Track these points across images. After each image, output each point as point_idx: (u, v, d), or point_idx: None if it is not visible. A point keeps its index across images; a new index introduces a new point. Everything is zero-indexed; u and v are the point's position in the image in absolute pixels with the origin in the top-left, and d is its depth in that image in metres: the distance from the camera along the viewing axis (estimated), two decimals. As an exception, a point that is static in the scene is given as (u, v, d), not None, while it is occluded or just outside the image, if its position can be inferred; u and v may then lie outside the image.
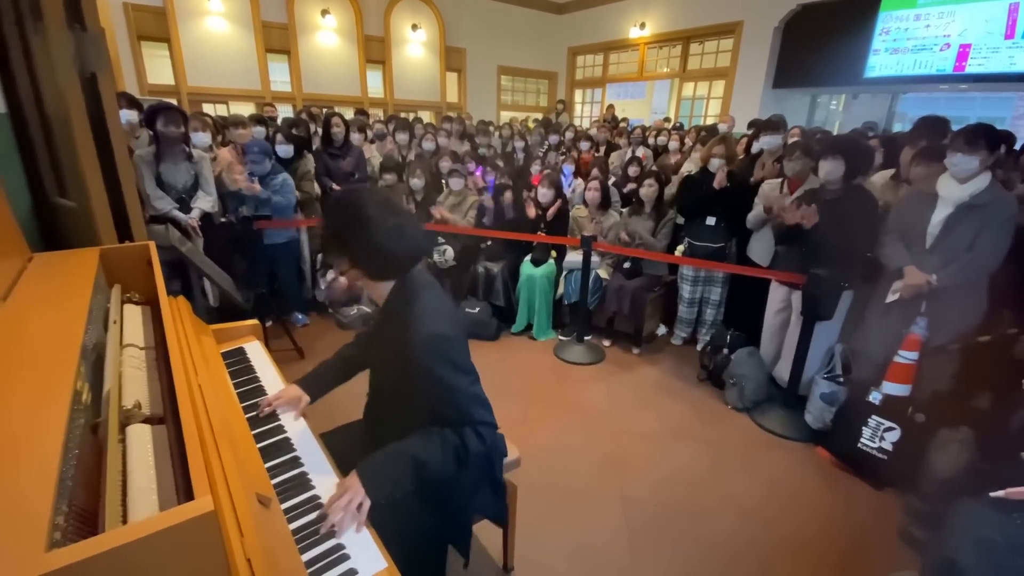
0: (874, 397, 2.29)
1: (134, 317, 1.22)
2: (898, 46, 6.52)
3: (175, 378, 0.86)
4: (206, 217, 3.13)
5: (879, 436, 2.25)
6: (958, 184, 2.13)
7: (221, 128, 4.00)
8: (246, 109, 6.87)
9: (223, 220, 3.34)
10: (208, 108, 6.82)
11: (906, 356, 2.22)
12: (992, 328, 2.20)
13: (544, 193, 3.62)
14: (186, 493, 0.68)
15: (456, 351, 1.19)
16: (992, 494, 1.43)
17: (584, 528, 1.99)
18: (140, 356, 1.03)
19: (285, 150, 3.56)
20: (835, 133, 6.14)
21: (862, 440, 2.29)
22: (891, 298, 2.30)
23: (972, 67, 6.01)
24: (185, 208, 3.00)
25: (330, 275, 3.72)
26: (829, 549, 1.93)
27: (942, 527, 1.49)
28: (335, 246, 1.18)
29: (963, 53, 6.05)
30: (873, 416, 2.27)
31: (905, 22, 6.42)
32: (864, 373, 2.46)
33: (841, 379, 2.52)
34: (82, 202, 1.61)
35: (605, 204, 3.55)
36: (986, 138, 2.05)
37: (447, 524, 1.32)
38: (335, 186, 3.91)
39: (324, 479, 1.17)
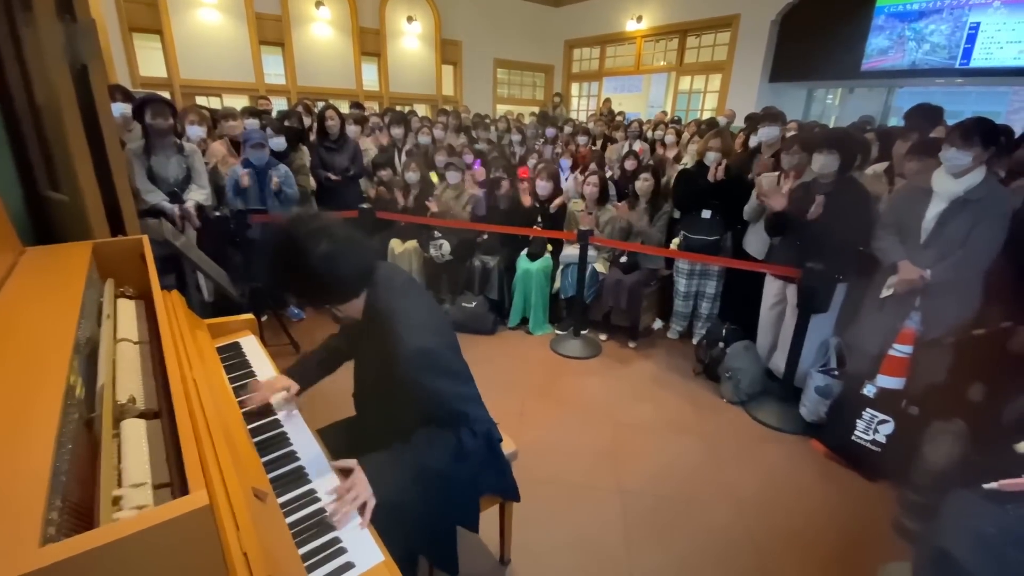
0: (868, 390, 2.31)
1: (128, 312, 1.21)
2: (895, 39, 6.53)
3: (169, 373, 0.85)
4: (199, 211, 3.11)
5: (873, 429, 2.26)
6: (953, 179, 2.13)
7: (216, 121, 3.96)
8: (240, 102, 6.82)
9: (217, 214, 3.32)
10: (201, 101, 6.76)
11: (900, 349, 2.24)
12: (986, 322, 2.21)
13: (543, 185, 3.62)
14: (181, 488, 0.67)
15: (444, 358, 1.18)
16: (985, 486, 1.45)
17: (581, 520, 2.00)
18: (134, 351, 1.03)
19: (277, 143, 3.53)
20: (832, 127, 6.15)
21: (856, 433, 2.30)
22: (886, 293, 2.31)
23: (970, 61, 6.03)
24: (177, 202, 2.97)
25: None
26: (823, 541, 1.94)
27: (935, 518, 1.50)
28: (279, 286, 1.15)
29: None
30: (867, 409, 2.29)
31: (903, 16, 6.42)
32: (858, 366, 2.47)
33: (836, 372, 2.53)
34: (74, 196, 1.59)
35: (603, 199, 3.54)
36: (981, 134, 2.04)
37: (455, 507, 1.34)
38: (332, 176, 3.89)
39: (321, 473, 1.17)
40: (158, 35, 6.57)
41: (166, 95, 5.53)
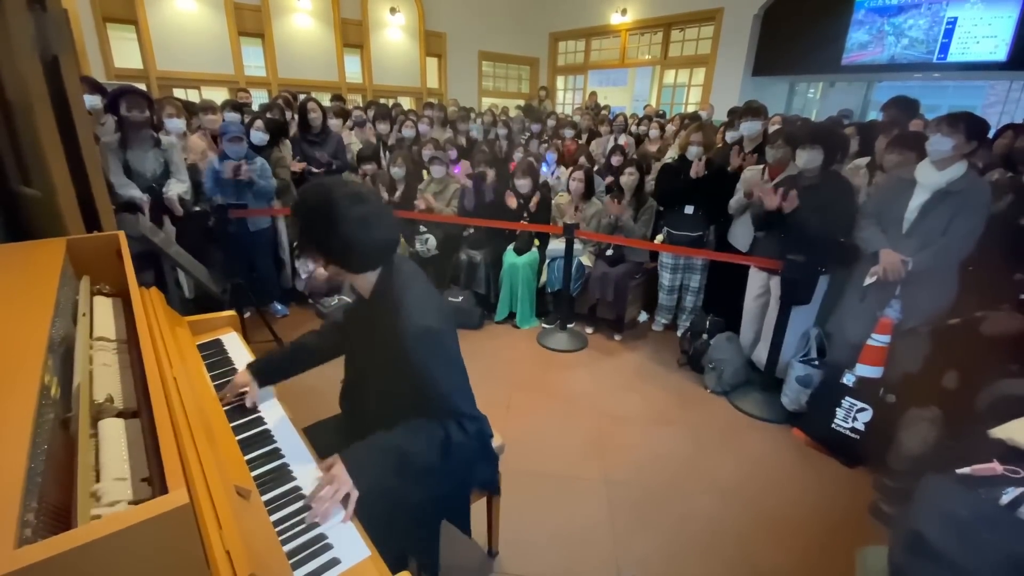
0: (848, 379, 2.36)
1: (104, 309, 1.18)
2: (875, 34, 6.62)
3: (147, 370, 0.84)
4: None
5: (852, 416, 2.32)
6: (936, 171, 2.18)
7: (192, 114, 3.87)
8: (219, 95, 6.68)
9: (197, 209, 3.26)
10: (179, 93, 6.61)
11: (878, 339, 2.28)
12: (961, 311, 2.26)
13: (522, 183, 3.60)
14: (161, 487, 0.66)
15: (448, 343, 1.20)
16: (958, 470, 1.49)
17: (568, 511, 2.02)
18: (111, 349, 1.01)
19: (260, 137, 3.46)
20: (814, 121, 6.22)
21: (836, 421, 2.35)
22: (869, 280, 2.35)
23: (947, 56, 6.14)
24: (155, 196, 2.90)
25: (310, 264, 3.67)
26: (804, 525, 1.99)
27: (910, 502, 1.54)
28: (306, 243, 1.15)
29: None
30: (846, 397, 2.34)
31: (882, 10, 6.50)
32: (838, 356, 2.52)
33: (816, 362, 2.58)
34: (47, 191, 1.55)
35: (589, 193, 3.55)
36: (966, 123, 2.11)
37: (442, 502, 1.34)
38: (314, 168, 3.83)
39: (306, 470, 1.17)
40: (133, 25, 6.39)
41: (142, 87, 5.40)
